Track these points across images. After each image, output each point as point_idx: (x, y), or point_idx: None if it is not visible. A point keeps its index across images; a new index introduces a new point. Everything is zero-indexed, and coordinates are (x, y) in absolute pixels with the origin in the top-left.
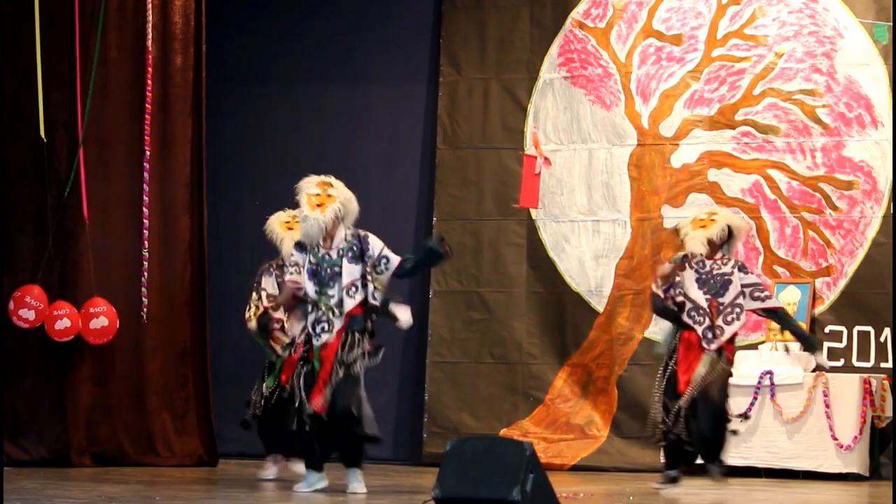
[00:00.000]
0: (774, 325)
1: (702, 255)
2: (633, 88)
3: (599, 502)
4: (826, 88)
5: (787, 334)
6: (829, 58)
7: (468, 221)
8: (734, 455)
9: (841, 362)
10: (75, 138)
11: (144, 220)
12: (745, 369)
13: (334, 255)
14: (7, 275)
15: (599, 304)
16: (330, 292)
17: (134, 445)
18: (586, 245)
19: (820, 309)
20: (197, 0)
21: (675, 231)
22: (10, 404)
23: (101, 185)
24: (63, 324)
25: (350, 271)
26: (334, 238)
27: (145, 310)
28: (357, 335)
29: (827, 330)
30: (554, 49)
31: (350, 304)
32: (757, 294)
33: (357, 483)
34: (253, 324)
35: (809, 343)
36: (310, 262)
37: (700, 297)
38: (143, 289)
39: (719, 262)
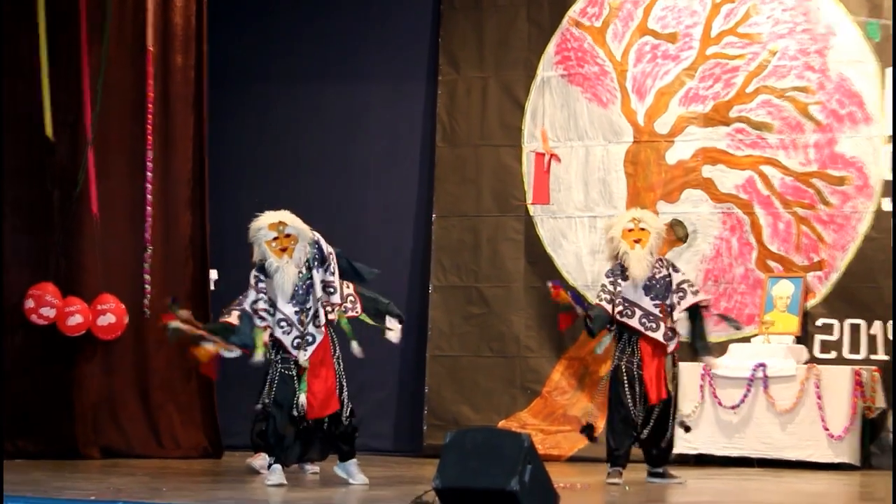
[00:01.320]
0: (767, 318)
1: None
2: (629, 86)
3: (596, 493)
4: (819, 85)
5: (772, 326)
6: (821, 55)
7: (467, 218)
8: (727, 446)
9: (833, 355)
10: (79, 138)
11: (147, 218)
12: (738, 362)
13: (304, 270)
14: (18, 273)
15: (596, 299)
16: (307, 306)
17: (140, 438)
18: (583, 241)
19: (812, 302)
20: (198, 0)
21: (610, 239)
22: (20, 398)
23: (104, 183)
24: (75, 320)
25: (322, 279)
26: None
27: (148, 306)
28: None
29: (819, 323)
30: (551, 48)
31: (322, 314)
32: (692, 289)
33: (358, 473)
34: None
35: (701, 347)
36: (283, 285)
37: (649, 303)
38: (147, 285)
39: (658, 266)
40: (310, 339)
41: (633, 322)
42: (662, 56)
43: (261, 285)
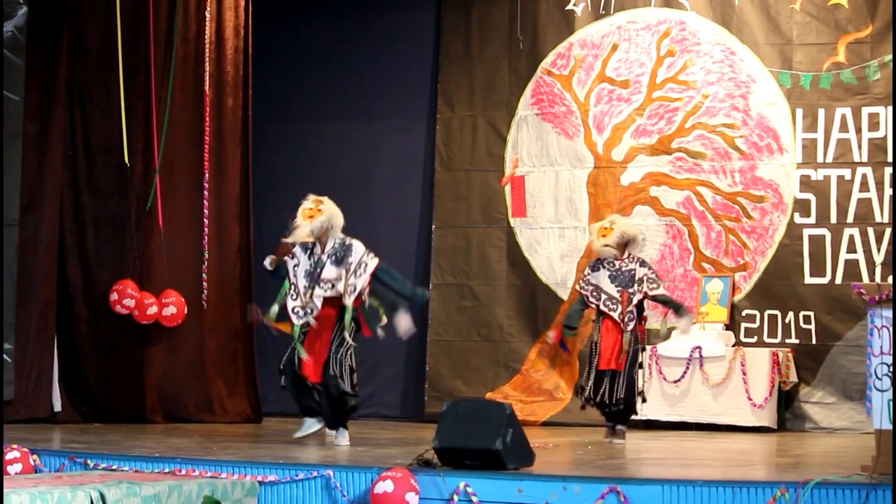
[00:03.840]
0: (702, 309)
1: (613, 256)
2: (591, 123)
3: (564, 450)
4: (742, 122)
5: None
6: (744, 98)
7: (460, 228)
8: (670, 413)
9: (755, 339)
10: (150, 163)
11: (204, 228)
12: (679, 345)
13: (324, 258)
14: (104, 271)
15: (564, 294)
16: (314, 287)
17: (196, 406)
18: (554, 247)
19: (738, 297)
20: (245, 53)
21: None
22: (102, 374)
23: (170, 201)
24: (152, 310)
25: (328, 271)
26: (325, 245)
27: (206, 299)
28: (341, 323)
29: (744, 313)
30: (528, 92)
31: (319, 294)
32: (650, 284)
33: (342, 437)
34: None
35: (681, 311)
36: (309, 264)
37: (612, 289)
38: (204, 283)
39: (626, 260)
40: (309, 310)
41: (600, 304)
42: (617, 99)
43: (294, 250)
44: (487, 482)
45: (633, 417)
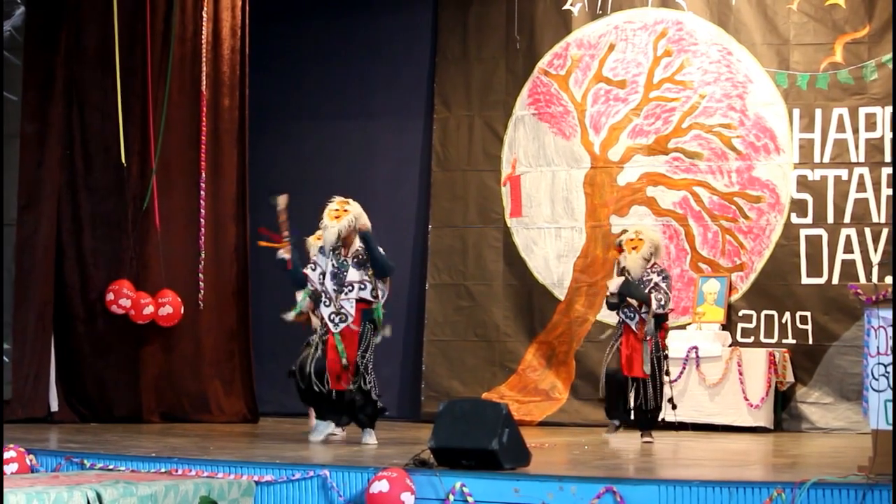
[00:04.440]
0: (699, 309)
1: (643, 269)
2: (587, 123)
3: (560, 450)
4: (739, 122)
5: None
6: (741, 98)
7: (456, 228)
8: (668, 413)
9: (751, 339)
10: (147, 163)
11: (201, 229)
12: (675, 345)
13: (349, 261)
14: (100, 271)
15: (561, 294)
16: (343, 290)
17: (192, 406)
18: (550, 247)
19: (735, 297)
20: (241, 53)
21: (618, 247)
22: (98, 373)
23: (166, 200)
24: (148, 310)
25: (352, 274)
26: (350, 247)
27: (202, 299)
28: (368, 324)
29: (740, 314)
30: (524, 92)
31: (342, 297)
32: (656, 298)
33: (370, 437)
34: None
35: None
36: (332, 265)
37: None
38: (201, 283)
39: (649, 269)
40: (343, 316)
41: (620, 313)
42: (614, 99)
43: (314, 258)
44: (484, 482)
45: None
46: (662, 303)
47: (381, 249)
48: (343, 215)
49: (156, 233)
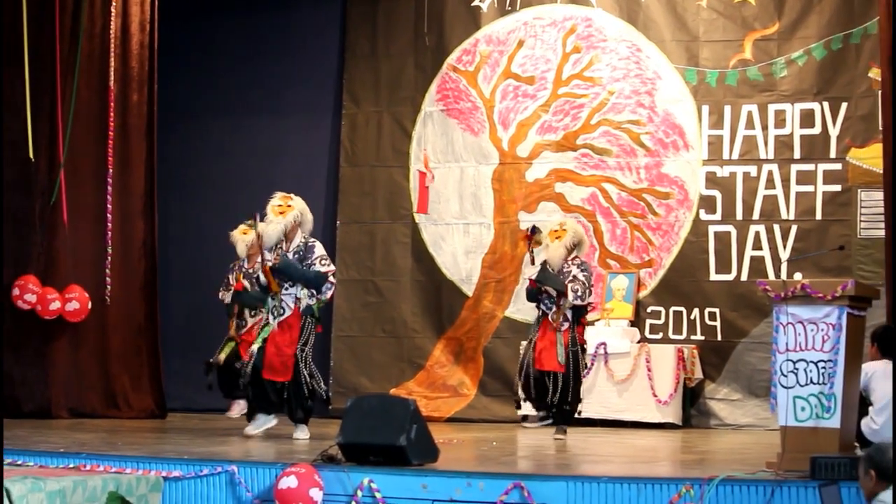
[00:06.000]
0: (608, 306)
1: (563, 260)
2: (496, 119)
3: (469, 446)
4: (648, 119)
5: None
6: (650, 95)
7: (365, 224)
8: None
9: (660, 335)
10: (55, 158)
11: (108, 224)
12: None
13: (290, 256)
14: (6, 267)
15: (469, 290)
16: (283, 284)
17: (100, 402)
18: (458, 243)
19: (643, 293)
20: (150, 49)
21: (526, 235)
22: (6, 369)
23: (73, 196)
24: (55, 305)
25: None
26: (292, 242)
27: (109, 294)
28: (308, 319)
29: (649, 310)
30: (433, 88)
31: (283, 291)
32: (572, 288)
33: (303, 432)
34: (227, 298)
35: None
36: (275, 260)
37: (553, 290)
38: (108, 278)
39: (570, 261)
40: (282, 310)
41: (540, 305)
42: (523, 95)
43: (266, 255)
44: (392, 478)
45: (526, 413)
46: (579, 293)
47: (319, 249)
48: (287, 211)
49: (63, 228)
